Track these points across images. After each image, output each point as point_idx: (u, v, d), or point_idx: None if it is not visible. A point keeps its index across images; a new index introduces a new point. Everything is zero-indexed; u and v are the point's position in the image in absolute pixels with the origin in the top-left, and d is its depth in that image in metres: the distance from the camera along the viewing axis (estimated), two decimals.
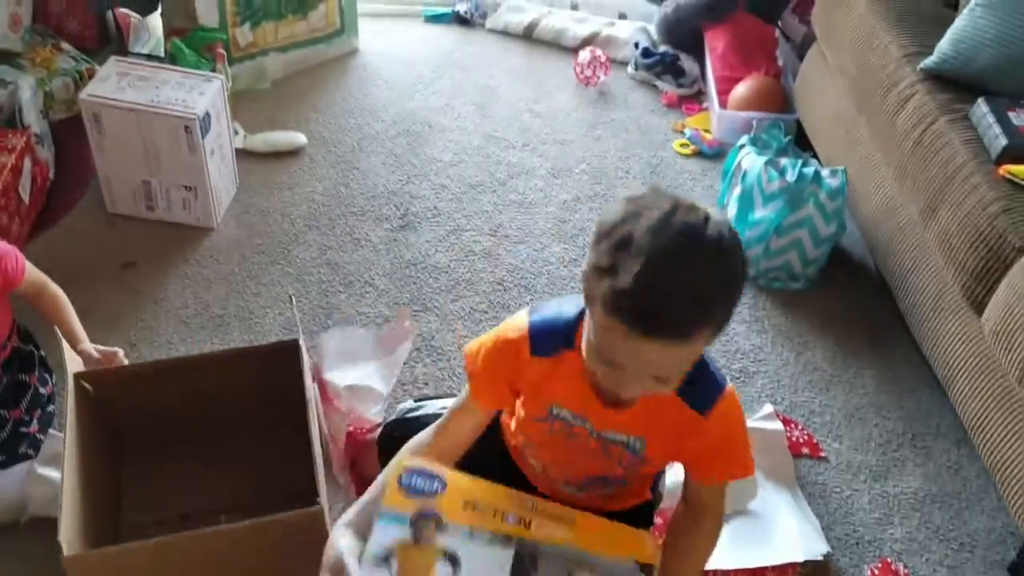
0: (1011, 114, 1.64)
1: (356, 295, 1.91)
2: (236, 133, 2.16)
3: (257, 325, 1.82)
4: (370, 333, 1.77)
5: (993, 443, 1.50)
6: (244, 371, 1.50)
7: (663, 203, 0.97)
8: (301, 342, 1.45)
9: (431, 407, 1.46)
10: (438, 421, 1.22)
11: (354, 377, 1.62)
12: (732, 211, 2.06)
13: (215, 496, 1.45)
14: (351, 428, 1.52)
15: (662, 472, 1.34)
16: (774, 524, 1.53)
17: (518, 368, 1.14)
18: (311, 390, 1.43)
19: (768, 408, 1.72)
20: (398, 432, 1.36)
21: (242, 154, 2.17)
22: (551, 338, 1.11)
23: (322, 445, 1.57)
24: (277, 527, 1.19)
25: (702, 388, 1.10)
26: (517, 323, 1.14)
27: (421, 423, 1.29)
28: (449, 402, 1.26)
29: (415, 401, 1.54)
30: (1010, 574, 1.52)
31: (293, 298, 1.53)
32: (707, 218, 0.96)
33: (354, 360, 1.67)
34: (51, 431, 1.50)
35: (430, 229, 2.10)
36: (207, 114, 1.87)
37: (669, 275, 0.93)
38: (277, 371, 1.46)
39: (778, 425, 1.67)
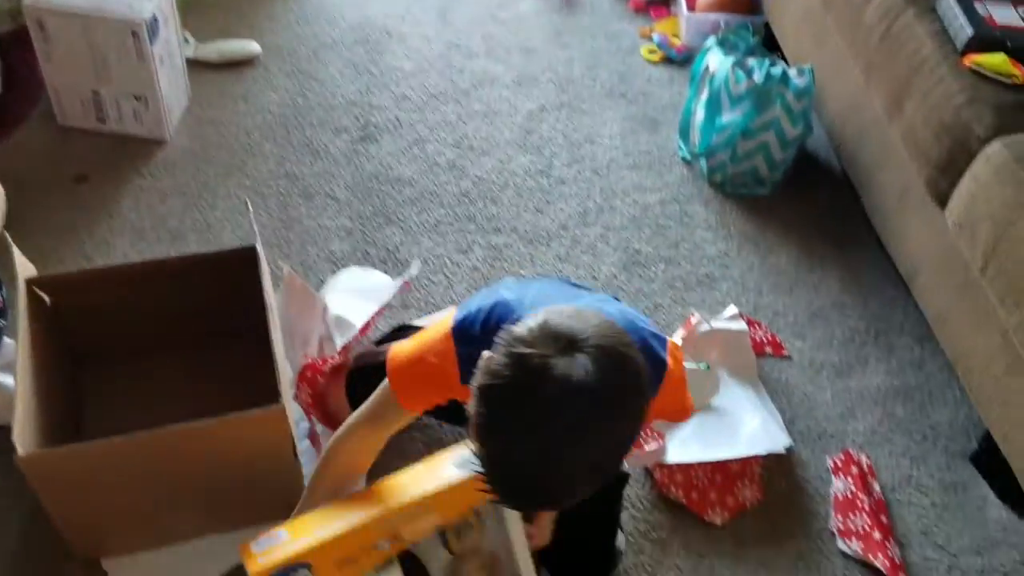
0: (977, 4, 1.61)
1: (317, 208, 1.88)
2: (186, 42, 2.09)
3: (215, 238, 1.79)
4: (384, 279, 1.73)
5: (955, 335, 1.51)
6: (202, 279, 1.47)
7: (545, 369, 0.83)
8: (259, 248, 1.42)
9: None
10: (367, 413, 1.17)
11: (344, 309, 1.60)
12: (699, 117, 2.03)
13: (178, 406, 1.42)
14: (309, 360, 1.48)
15: None
16: (738, 419, 1.54)
17: (449, 388, 1.09)
18: (270, 297, 1.41)
19: (732, 309, 1.72)
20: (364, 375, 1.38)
21: (193, 65, 2.09)
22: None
23: (288, 356, 1.56)
24: (238, 425, 1.17)
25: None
26: (440, 345, 1.08)
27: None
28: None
29: (376, 345, 1.53)
30: (972, 463, 1.54)
31: (249, 203, 1.49)
32: (593, 389, 0.83)
33: (356, 295, 1.65)
34: (6, 340, 1.46)
35: (392, 140, 2.05)
36: (155, 18, 1.80)
37: (530, 469, 0.85)
38: (236, 279, 1.43)
39: (742, 325, 1.67)
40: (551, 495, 0.89)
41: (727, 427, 1.53)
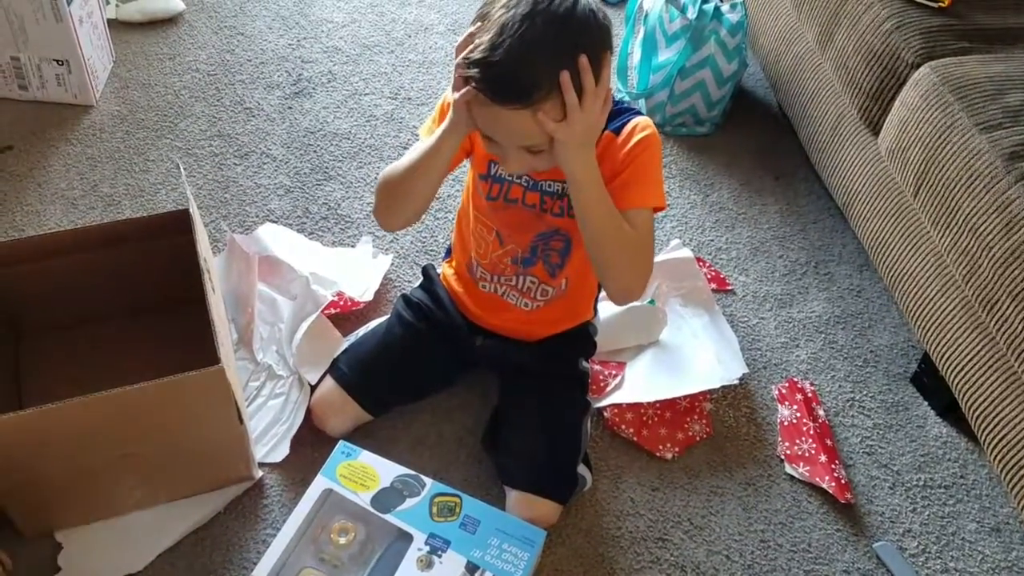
0: None
1: (253, 167, 1.84)
2: (108, 2, 2.02)
3: (150, 203, 1.75)
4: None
5: (891, 259, 1.54)
6: (138, 245, 1.43)
7: None
8: (192, 210, 1.39)
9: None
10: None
11: (313, 266, 1.62)
12: (636, 57, 2.02)
13: (120, 374, 1.38)
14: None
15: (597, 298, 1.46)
16: (690, 354, 1.55)
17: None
18: (207, 260, 1.38)
19: (676, 242, 1.73)
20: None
21: (116, 25, 2.03)
22: None
23: (233, 319, 1.54)
24: (177, 388, 1.15)
25: (617, 114, 1.24)
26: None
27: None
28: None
29: None
30: (912, 384, 1.58)
31: (181, 166, 1.46)
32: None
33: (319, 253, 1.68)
34: None
35: (326, 94, 2.01)
36: None
37: (508, 42, 1.05)
38: (172, 244, 1.40)
39: (687, 253, 1.69)
40: (501, 75, 1.07)
41: (678, 364, 1.54)
